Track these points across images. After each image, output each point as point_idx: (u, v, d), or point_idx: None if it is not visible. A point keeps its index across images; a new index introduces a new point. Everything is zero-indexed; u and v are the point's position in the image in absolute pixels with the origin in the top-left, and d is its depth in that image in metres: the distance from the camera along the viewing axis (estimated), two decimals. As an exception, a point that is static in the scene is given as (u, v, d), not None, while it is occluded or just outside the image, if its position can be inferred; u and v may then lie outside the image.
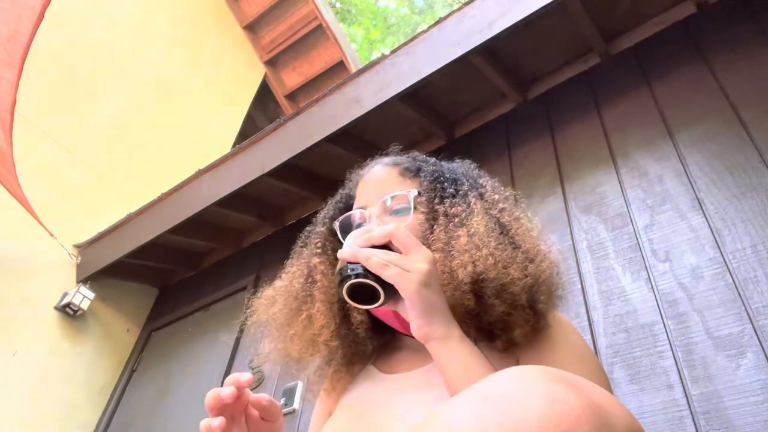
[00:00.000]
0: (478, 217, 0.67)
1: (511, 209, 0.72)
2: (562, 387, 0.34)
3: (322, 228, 0.80)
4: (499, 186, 0.78)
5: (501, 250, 0.63)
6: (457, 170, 0.79)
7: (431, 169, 0.76)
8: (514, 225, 0.68)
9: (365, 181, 0.78)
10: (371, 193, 0.75)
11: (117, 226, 2.58)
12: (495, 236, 0.65)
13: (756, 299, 1.10)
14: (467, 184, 0.74)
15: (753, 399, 1.00)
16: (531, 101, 1.90)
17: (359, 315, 0.71)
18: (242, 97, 4.22)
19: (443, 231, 0.67)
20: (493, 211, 0.70)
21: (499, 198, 0.73)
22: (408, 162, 0.78)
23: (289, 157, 1.99)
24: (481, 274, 0.61)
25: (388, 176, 0.76)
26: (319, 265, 0.75)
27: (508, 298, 0.61)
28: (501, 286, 0.61)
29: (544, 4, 1.50)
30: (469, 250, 0.63)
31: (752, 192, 1.24)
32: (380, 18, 9.90)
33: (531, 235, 0.69)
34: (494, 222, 0.68)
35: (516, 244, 0.66)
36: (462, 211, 0.68)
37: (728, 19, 1.56)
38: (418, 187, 0.73)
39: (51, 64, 2.81)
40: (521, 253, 0.64)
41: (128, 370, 2.59)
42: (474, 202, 0.70)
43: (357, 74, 1.93)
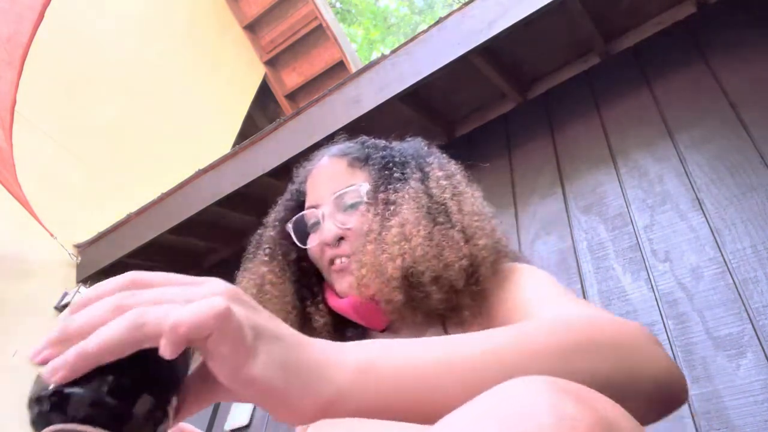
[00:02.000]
0: (412, 203, 0.64)
1: (453, 185, 0.69)
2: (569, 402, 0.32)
3: (272, 232, 0.76)
4: (447, 162, 0.75)
5: (431, 238, 0.60)
6: (407, 152, 0.75)
7: (380, 155, 0.73)
8: (451, 203, 0.65)
9: (313, 176, 0.74)
10: (321, 190, 0.71)
11: (117, 226, 2.57)
12: (426, 223, 0.61)
13: (756, 299, 1.10)
14: (414, 166, 0.71)
15: (753, 399, 1.00)
16: (531, 101, 1.90)
17: (321, 318, 0.68)
18: (242, 97, 4.22)
19: (378, 222, 0.63)
20: (434, 190, 0.66)
21: (442, 175, 0.70)
22: (356, 150, 0.74)
23: (289, 157, 1.98)
24: (410, 268, 0.58)
25: (337, 169, 0.72)
26: (268, 274, 0.71)
27: (445, 284, 0.59)
28: (433, 275, 0.58)
29: (544, 4, 1.50)
30: (399, 242, 0.60)
31: (752, 192, 1.24)
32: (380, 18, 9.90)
33: (471, 210, 0.66)
34: (431, 204, 0.64)
35: (452, 223, 0.62)
36: (399, 197, 0.65)
37: (728, 19, 1.56)
38: (368, 176, 0.70)
39: (51, 64, 2.81)
40: (457, 232, 0.62)
41: (128, 370, 2.59)
42: (413, 185, 0.66)
43: (357, 74, 1.93)
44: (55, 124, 2.75)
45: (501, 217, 1.66)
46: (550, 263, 1.46)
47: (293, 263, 0.74)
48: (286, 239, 0.74)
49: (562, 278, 1.41)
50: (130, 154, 3.09)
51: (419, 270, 0.58)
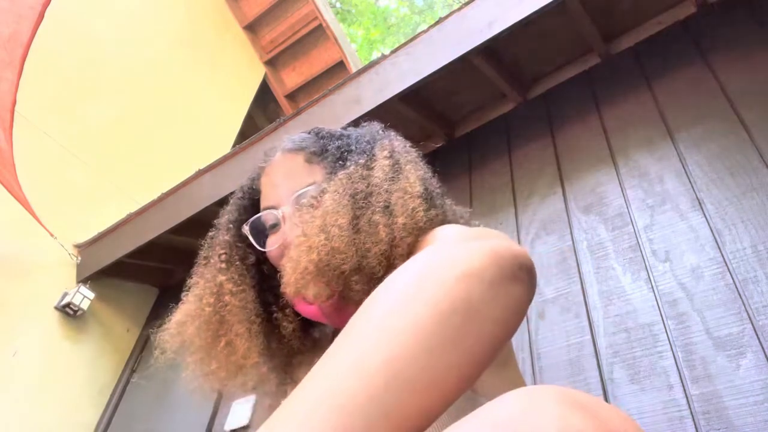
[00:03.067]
0: (337, 190, 0.59)
1: (396, 163, 0.64)
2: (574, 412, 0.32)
3: (227, 235, 0.70)
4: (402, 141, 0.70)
5: (352, 226, 0.56)
6: (362, 138, 0.70)
7: (336, 145, 0.68)
8: (384, 182, 0.60)
9: (268, 174, 0.69)
10: (280, 189, 0.66)
11: (117, 226, 2.57)
12: (345, 211, 0.57)
13: (756, 299, 1.10)
14: (363, 151, 0.66)
15: (753, 399, 1.00)
16: (531, 101, 1.90)
17: (289, 324, 0.65)
18: (242, 97, 4.22)
19: (307, 215, 0.59)
20: (373, 171, 0.62)
21: (387, 153, 0.65)
22: (312, 143, 0.69)
23: (289, 157, 1.98)
24: (323, 261, 0.54)
25: (294, 165, 0.67)
26: (226, 283, 0.66)
27: (365, 273, 0.55)
28: (352, 265, 0.55)
29: (544, 4, 1.50)
30: (317, 235, 0.55)
31: (752, 192, 1.24)
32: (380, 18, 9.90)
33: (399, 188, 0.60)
34: (359, 188, 0.59)
35: (374, 206, 0.58)
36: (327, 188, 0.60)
37: (728, 19, 1.56)
38: (326, 170, 0.65)
39: (51, 64, 2.81)
40: (379, 214, 0.57)
41: (128, 370, 2.59)
42: (349, 172, 0.62)
43: (357, 74, 1.93)
44: (55, 124, 2.75)
45: (501, 217, 1.67)
46: (550, 263, 1.46)
47: (252, 267, 0.69)
48: (243, 242, 0.69)
49: (562, 278, 1.41)
50: (130, 154, 3.09)
51: (335, 263, 0.54)
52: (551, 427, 0.31)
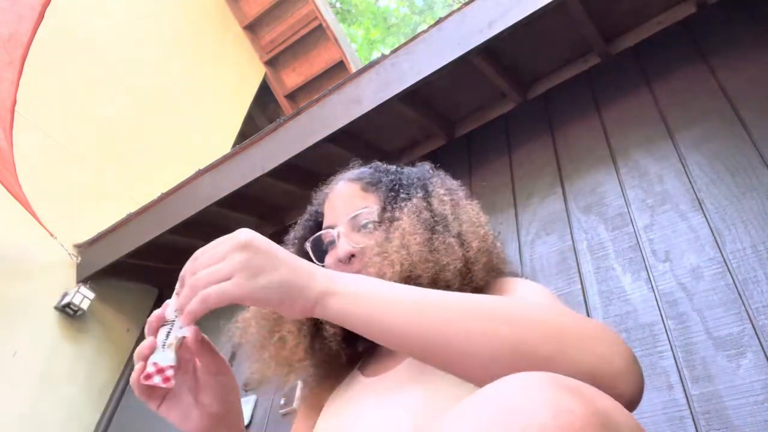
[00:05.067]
0: (412, 216, 0.69)
1: (454, 199, 0.75)
2: (566, 395, 0.33)
3: (292, 249, 0.81)
4: (449, 182, 0.82)
5: (428, 244, 0.65)
6: (413, 175, 0.81)
7: (389, 179, 0.79)
8: (447, 212, 0.71)
9: (330, 199, 0.80)
10: (337, 212, 0.77)
11: (117, 226, 2.58)
12: (423, 232, 0.67)
13: (756, 299, 1.10)
14: (419, 187, 0.77)
15: (753, 399, 1.00)
16: (531, 101, 1.90)
17: (331, 328, 0.72)
18: (242, 97, 4.22)
19: (383, 236, 0.69)
20: (435, 204, 0.72)
21: (443, 192, 0.76)
22: (369, 175, 0.80)
23: (289, 157, 1.98)
24: (407, 272, 0.63)
25: (352, 192, 0.78)
26: None
27: (441, 285, 0.63)
28: (430, 277, 0.63)
29: (544, 4, 1.50)
30: (398, 251, 0.65)
31: (752, 192, 1.24)
32: (380, 18, 9.90)
33: (468, 220, 0.71)
34: (428, 215, 0.70)
35: (448, 229, 0.68)
36: (401, 214, 0.71)
37: (728, 19, 1.56)
38: (379, 199, 0.76)
39: (51, 64, 2.81)
40: (453, 239, 0.67)
41: (128, 370, 2.59)
42: (414, 202, 0.72)
43: (357, 74, 1.93)
44: (55, 124, 2.75)
45: (501, 217, 1.67)
46: (550, 263, 1.46)
47: None
48: (305, 257, 0.78)
49: (562, 278, 1.41)
50: (130, 154, 3.09)
51: (416, 273, 0.63)
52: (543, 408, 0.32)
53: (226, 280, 0.48)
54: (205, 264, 0.50)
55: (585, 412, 0.32)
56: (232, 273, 0.48)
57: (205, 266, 0.50)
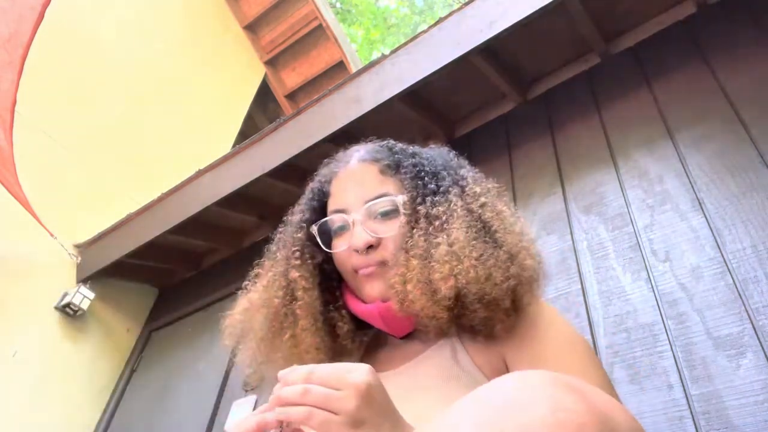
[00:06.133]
0: (459, 220, 0.64)
1: (492, 203, 0.69)
2: (565, 393, 0.33)
3: (300, 234, 0.74)
4: (480, 176, 0.75)
5: (483, 259, 0.60)
6: (437, 161, 0.74)
7: (411, 162, 0.71)
8: (495, 222, 0.65)
9: (341, 179, 0.72)
10: (350, 195, 0.69)
11: (117, 226, 2.58)
12: (477, 243, 0.62)
13: (756, 299, 1.10)
14: (449, 179, 0.70)
15: (753, 399, 1.00)
16: (531, 101, 1.90)
17: (345, 324, 0.69)
18: (242, 97, 4.22)
19: (423, 236, 0.63)
20: (474, 208, 0.66)
21: (480, 191, 0.69)
22: (387, 156, 0.73)
23: (289, 157, 1.98)
24: (463, 289, 0.59)
25: (368, 174, 0.71)
26: (300, 279, 0.70)
27: (491, 304, 0.59)
28: (483, 295, 0.59)
29: (544, 4, 1.50)
30: (450, 261, 0.60)
31: (752, 192, 1.24)
32: (380, 18, 9.89)
33: (513, 231, 0.66)
34: (476, 222, 0.64)
35: (498, 243, 0.63)
36: (443, 213, 0.65)
37: (728, 19, 1.56)
38: (399, 184, 0.69)
39: (51, 64, 2.81)
40: (503, 252, 0.62)
41: (128, 370, 2.59)
42: (455, 201, 0.66)
43: (357, 74, 1.93)
44: (55, 124, 2.75)
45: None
46: (550, 263, 1.46)
47: (318, 266, 0.73)
48: (310, 241, 0.73)
49: (562, 278, 1.41)
50: (130, 154, 3.09)
51: (471, 291, 0.59)
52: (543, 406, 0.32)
53: (334, 413, 0.46)
54: (323, 381, 0.47)
55: (584, 410, 0.32)
56: (340, 411, 0.46)
57: (321, 383, 0.47)
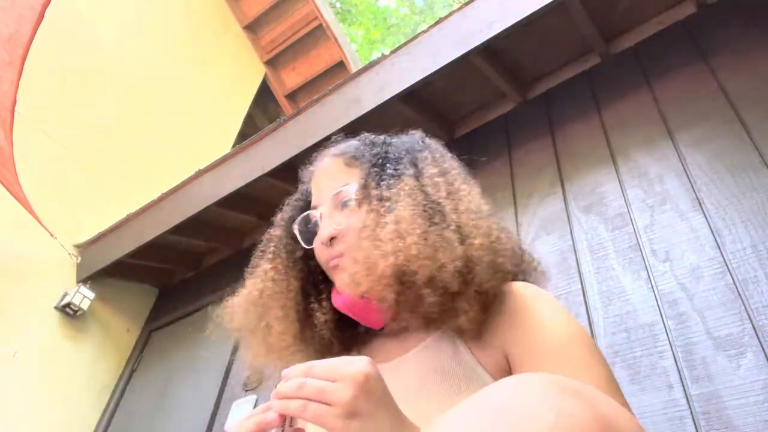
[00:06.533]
0: (408, 199, 0.63)
1: (449, 183, 0.68)
2: (568, 398, 0.33)
3: (278, 231, 0.78)
4: (442, 157, 0.74)
5: (426, 237, 0.59)
6: (402, 146, 0.75)
7: (374, 152, 0.73)
8: (447, 201, 0.64)
9: (315, 177, 0.76)
10: (322, 190, 0.72)
11: (117, 226, 2.57)
12: (422, 221, 0.60)
13: (756, 299, 1.10)
14: (407, 162, 0.70)
15: (753, 399, 1.00)
16: (531, 101, 1.90)
17: (323, 315, 0.69)
18: (242, 97, 4.22)
19: (373, 218, 0.63)
20: (427, 188, 0.66)
21: (437, 171, 0.69)
22: (353, 149, 0.75)
23: (289, 157, 1.98)
24: (403, 266, 0.58)
25: (334, 167, 0.73)
26: (270, 271, 0.74)
27: (438, 286, 0.58)
28: (427, 275, 0.57)
29: (544, 4, 1.50)
30: (393, 240, 0.59)
31: (752, 192, 1.24)
32: (380, 18, 9.89)
33: (467, 209, 0.64)
34: (425, 201, 0.63)
35: (447, 223, 0.61)
36: (393, 194, 0.64)
37: (728, 19, 1.56)
38: (362, 174, 0.70)
39: (51, 64, 2.81)
40: (452, 232, 0.60)
41: (128, 370, 2.59)
42: (408, 182, 0.66)
43: (357, 74, 1.93)
44: (55, 124, 2.75)
45: (501, 217, 1.67)
46: (550, 263, 1.46)
47: (300, 261, 0.75)
48: (293, 239, 0.75)
49: (562, 278, 1.41)
50: (130, 154, 3.09)
51: (412, 269, 0.58)
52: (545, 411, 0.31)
53: (329, 404, 0.46)
54: (320, 375, 0.48)
55: (586, 415, 0.32)
56: (335, 402, 0.46)
57: (319, 377, 0.48)
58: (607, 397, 0.37)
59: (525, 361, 0.57)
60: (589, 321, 1.29)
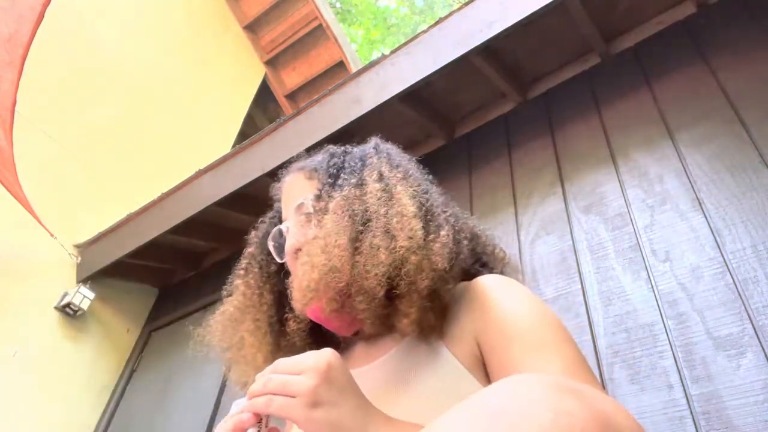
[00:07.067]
0: (337, 212, 0.63)
1: (387, 187, 0.66)
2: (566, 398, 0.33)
3: (251, 248, 0.81)
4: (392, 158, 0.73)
5: (350, 248, 0.59)
6: (357, 155, 0.75)
7: (331, 163, 0.74)
8: (379, 208, 0.63)
9: (283, 192, 0.78)
10: (286, 205, 0.74)
11: (117, 226, 2.58)
12: (346, 233, 0.61)
13: (756, 299, 1.10)
14: (355, 171, 0.70)
15: (753, 399, 1.00)
16: (531, 101, 1.90)
17: (296, 324, 0.69)
18: (242, 97, 4.22)
19: (315, 231, 0.64)
20: (366, 196, 0.65)
21: (378, 176, 0.68)
22: (315, 162, 0.76)
23: (289, 157, 1.97)
24: (327, 277, 0.59)
25: (296, 182, 0.75)
26: (241, 286, 0.76)
27: (367, 293, 0.58)
28: (354, 284, 0.58)
29: (544, 4, 1.50)
30: (319, 255, 0.60)
31: (752, 192, 1.24)
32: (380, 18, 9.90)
33: (397, 212, 0.62)
34: (358, 210, 0.63)
35: (373, 230, 0.61)
36: (330, 206, 0.65)
37: (728, 19, 1.56)
38: (318, 185, 0.71)
39: (51, 64, 2.81)
40: (380, 239, 0.60)
41: (128, 370, 2.59)
42: (346, 192, 0.66)
43: (357, 74, 1.93)
44: (55, 124, 2.75)
45: (501, 217, 1.67)
46: (550, 263, 1.46)
47: (275, 275, 0.78)
48: (267, 255, 0.78)
49: (562, 278, 1.41)
50: (130, 154, 3.09)
51: (334, 281, 0.59)
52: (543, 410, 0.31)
53: (293, 396, 0.48)
54: (284, 370, 0.50)
55: (585, 414, 0.32)
56: (297, 393, 0.47)
57: (283, 372, 0.50)
58: (606, 396, 0.37)
59: (494, 348, 0.58)
60: (589, 321, 1.29)
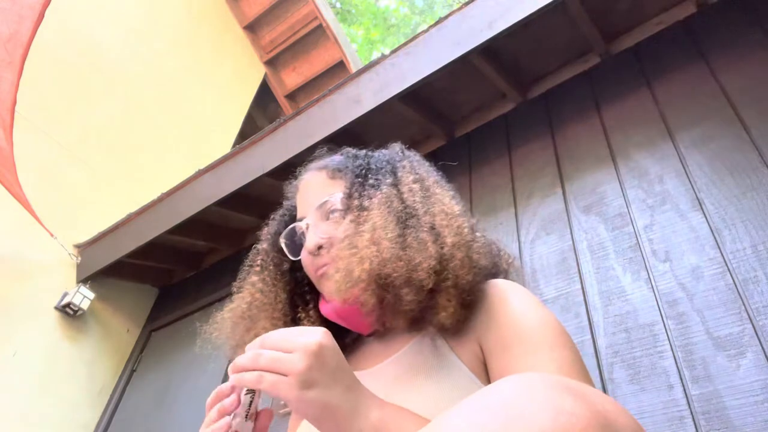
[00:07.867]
0: (381, 208, 0.66)
1: (425, 188, 0.71)
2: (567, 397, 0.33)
3: (265, 245, 0.81)
4: (421, 164, 0.77)
5: (399, 241, 0.62)
6: (383, 158, 0.77)
7: (356, 164, 0.76)
8: (420, 206, 0.67)
9: (300, 191, 0.78)
10: (306, 203, 0.74)
11: (117, 226, 2.58)
12: (394, 227, 0.63)
13: (756, 299, 1.10)
14: (387, 172, 0.73)
15: (753, 399, 1.00)
16: (531, 101, 1.90)
17: (309, 323, 0.71)
18: (242, 97, 4.22)
19: (353, 227, 0.66)
20: (405, 195, 0.68)
21: (414, 178, 0.72)
22: (336, 162, 0.78)
23: (289, 157, 1.99)
24: (377, 270, 0.60)
25: (318, 181, 0.76)
26: (258, 283, 0.76)
27: (415, 285, 0.60)
28: (402, 276, 0.60)
29: (544, 4, 1.50)
30: (368, 246, 0.62)
31: (752, 192, 1.24)
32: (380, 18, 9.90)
33: (441, 210, 0.66)
34: (401, 207, 0.66)
35: (421, 225, 0.64)
36: (371, 203, 0.67)
37: (728, 19, 1.56)
38: (346, 184, 0.73)
39: (51, 64, 2.81)
40: (426, 233, 0.63)
41: (128, 370, 2.59)
42: (385, 191, 0.69)
43: (357, 74, 1.93)
44: (55, 124, 2.75)
45: (501, 217, 1.67)
46: (550, 263, 1.46)
47: (287, 273, 0.78)
48: (279, 251, 0.78)
49: (562, 278, 1.41)
50: (130, 154, 3.09)
51: (386, 272, 0.60)
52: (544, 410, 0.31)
53: (284, 375, 0.48)
54: (274, 345, 0.50)
55: (586, 414, 0.32)
56: (289, 372, 0.48)
57: (273, 347, 0.50)
58: (607, 396, 0.37)
59: (495, 349, 0.59)
60: (589, 321, 1.29)
